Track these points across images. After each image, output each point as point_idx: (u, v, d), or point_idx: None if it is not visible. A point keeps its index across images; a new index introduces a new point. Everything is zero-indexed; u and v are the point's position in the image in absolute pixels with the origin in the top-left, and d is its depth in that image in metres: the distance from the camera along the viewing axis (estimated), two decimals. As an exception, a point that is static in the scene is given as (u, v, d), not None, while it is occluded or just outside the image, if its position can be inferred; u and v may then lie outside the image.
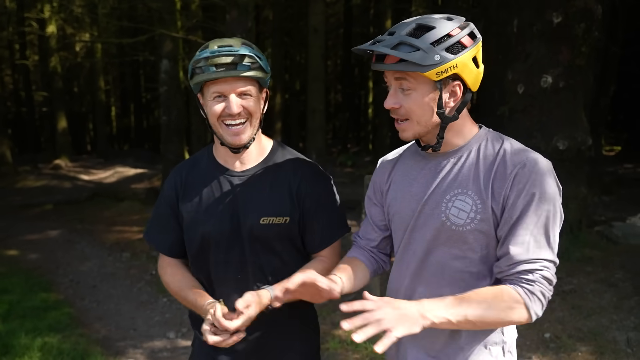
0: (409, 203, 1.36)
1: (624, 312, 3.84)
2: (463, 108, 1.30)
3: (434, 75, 1.21)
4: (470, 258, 1.29)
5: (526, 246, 1.21)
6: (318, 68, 9.74)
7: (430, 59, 1.19)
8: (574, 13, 4.94)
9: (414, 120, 1.28)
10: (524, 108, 5.20)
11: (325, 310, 4.29)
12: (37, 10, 16.30)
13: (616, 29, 10.58)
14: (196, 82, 1.43)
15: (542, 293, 1.21)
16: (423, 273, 1.35)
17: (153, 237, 1.63)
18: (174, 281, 1.57)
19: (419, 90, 1.25)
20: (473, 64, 1.25)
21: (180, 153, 10.02)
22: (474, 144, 1.31)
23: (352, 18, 20.33)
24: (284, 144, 1.64)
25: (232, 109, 1.41)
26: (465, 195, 1.27)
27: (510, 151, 1.26)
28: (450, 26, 1.23)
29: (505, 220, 1.23)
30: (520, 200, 1.21)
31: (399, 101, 1.27)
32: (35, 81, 24.31)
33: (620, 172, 11.40)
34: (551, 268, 1.22)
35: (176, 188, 1.56)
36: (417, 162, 1.40)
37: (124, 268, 6.18)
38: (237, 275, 1.51)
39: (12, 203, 11.42)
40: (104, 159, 18.05)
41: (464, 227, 1.26)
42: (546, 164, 1.24)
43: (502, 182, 1.23)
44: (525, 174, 1.21)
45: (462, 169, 1.29)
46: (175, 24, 9.52)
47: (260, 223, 1.48)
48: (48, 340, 4.00)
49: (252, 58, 1.41)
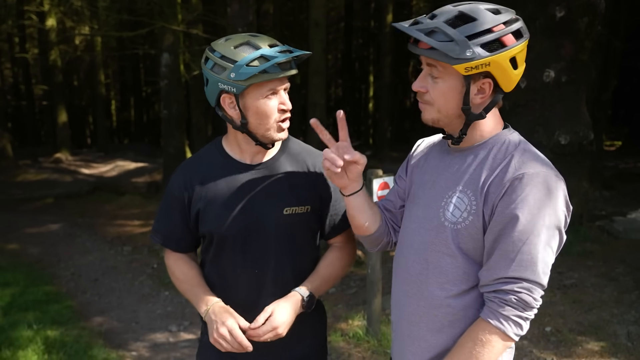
0: (418, 190, 1.38)
1: (624, 306, 3.85)
2: (492, 108, 1.25)
3: (462, 70, 1.16)
4: (456, 258, 1.26)
5: (505, 263, 1.17)
6: (319, 62, 9.71)
7: (462, 53, 1.14)
8: (577, 7, 4.92)
9: (435, 107, 1.25)
10: (526, 102, 5.19)
11: (327, 304, 4.31)
12: (37, 3, 16.24)
13: (618, 23, 10.54)
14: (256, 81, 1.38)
15: (519, 316, 1.17)
16: (410, 265, 1.35)
17: (159, 235, 1.63)
18: (182, 273, 1.59)
19: (447, 81, 1.21)
20: (510, 64, 1.19)
21: (180, 147, 10.01)
22: (489, 145, 1.26)
23: (353, 12, 20.26)
24: (291, 136, 1.64)
25: (288, 103, 1.46)
26: (464, 193, 1.24)
27: (516, 160, 1.20)
28: (494, 20, 1.16)
29: (491, 229, 1.19)
30: (508, 212, 1.16)
31: (426, 85, 1.25)
32: (35, 75, 24.24)
33: (621, 167, 11.40)
34: (532, 290, 1.16)
35: (186, 186, 1.54)
36: (440, 153, 1.39)
37: (126, 261, 6.19)
38: (255, 270, 1.52)
39: (12, 197, 11.43)
40: (104, 153, 18.05)
41: (455, 225, 1.24)
42: (548, 181, 1.17)
43: (497, 189, 1.19)
44: (520, 187, 1.16)
45: (469, 168, 1.26)
46: (175, 17, 9.49)
47: (284, 214, 1.50)
48: (50, 333, 4.01)
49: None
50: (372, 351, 3.57)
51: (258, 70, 1.36)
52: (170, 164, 9.68)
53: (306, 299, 1.48)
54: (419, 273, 1.32)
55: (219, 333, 1.40)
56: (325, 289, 1.58)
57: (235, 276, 1.53)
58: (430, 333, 1.31)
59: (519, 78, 1.24)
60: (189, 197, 1.54)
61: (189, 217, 1.55)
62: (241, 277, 1.53)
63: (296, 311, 1.46)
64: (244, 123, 1.45)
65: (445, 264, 1.27)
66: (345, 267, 1.62)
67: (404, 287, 1.38)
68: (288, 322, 1.43)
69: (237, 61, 1.37)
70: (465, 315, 1.27)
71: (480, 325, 1.20)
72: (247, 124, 1.45)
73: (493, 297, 1.19)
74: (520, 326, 1.18)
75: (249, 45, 1.41)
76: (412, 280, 1.35)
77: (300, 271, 1.55)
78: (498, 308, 1.18)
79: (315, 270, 1.57)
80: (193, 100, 11.70)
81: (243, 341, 1.39)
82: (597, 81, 9.10)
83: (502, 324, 1.17)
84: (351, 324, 3.95)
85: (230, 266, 1.53)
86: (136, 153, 17.81)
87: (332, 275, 1.58)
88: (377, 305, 3.67)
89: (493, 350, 1.19)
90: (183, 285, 1.58)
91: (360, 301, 4.38)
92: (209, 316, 1.45)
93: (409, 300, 1.36)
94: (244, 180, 1.52)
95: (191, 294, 1.55)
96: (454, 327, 1.28)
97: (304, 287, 1.50)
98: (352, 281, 4.93)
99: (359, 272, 4.96)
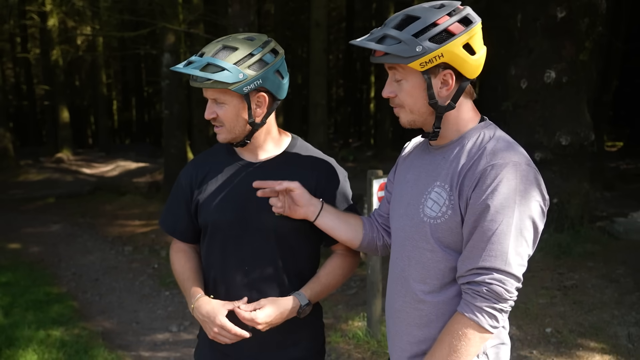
0: (402, 188, 1.41)
1: (625, 307, 3.84)
2: (459, 97, 1.27)
3: (418, 66, 1.21)
4: (436, 252, 1.27)
5: (476, 254, 1.18)
6: (320, 62, 9.72)
7: (412, 51, 1.20)
8: (578, 8, 4.91)
9: (407, 108, 1.30)
10: (527, 103, 5.18)
11: (327, 305, 4.31)
12: (39, 3, 16.26)
13: (620, 24, 10.52)
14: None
15: (493, 307, 1.17)
16: (396, 264, 1.39)
17: (165, 223, 1.68)
18: (180, 265, 1.63)
19: (409, 80, 1.26)
20: (465, 51, 1.22)
21: (182, 147, 10.01)
22: (466, 137, 1.29)
23: (354, 12, 20.25)
24: (301, 139, 1.66)
25: (205, 114, 1.50)
26: (442, 188, 1.26)
27: (489, 149, 1.21)
28: (436, 15, 1.21)
29: (467, 222, 1.21)
30: (479, 203, 1.17)
31: (394, 90, 1.30)
32: (36, 74, 24.29)
33: (622, 167, 11.38)
34: (504, 281, 1.16)
35: (192, 178, 1.60)
36: (422, 151, 1.42)
37: (126, 261, 6.20)
38: (245, 267, 1.53)
39: (14, 196, 11.45)
40: (105, 153, 18.07)
41: (435, 219, 1.26)
42: (519, 169, 1.17)
43: (470, 181, 1.20)
44: (489, 176, 1.17)
45: (446, 163, 1.29)
46: (177, 17, 9.50)
47: (277, 214, 1.51)
48: (51, 333, 4.02)
49: (216, 67, 1.39)
50: (371, 352, 3.56)
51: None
52: (171, 164, 9.69)
53: (303, 306, 1.49)
54: (402, 270, 1.35)
55: (214, 333, 1.46)
56: (324, 296, 1.59)
57: (227, 272, 1.54)
58: (417, 328, 1.33)
59: (481, 63, 1.27)
60: (192, 190, 1.59)
61: (191, 208, 1.59)
62: (232, 273, 1.54)
63: (286, 313, 1.47)
64: None
65: (426, 259, 1.29)
66: (346, 274, 1.62)
67: (392, 285, 1.41)
68: (270, 322, 1.45)
69: None
70: (450, 309, 1.28)
71: (456, 319, 1.21)
72: None
73: (467, 289, 1.21)
74: (495, 318, 1.18)
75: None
76: (397, 277, 1.38)
77: (293, 273, 1.55)
78: (472, 300, 1.19)
79: (315, 277, 1.58)
80: (194, 100, 11.72)
81: (238, 332, 1.44)
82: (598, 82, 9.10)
83: (476, 316, 1.18)
84: (351, 325, 3.95)
85: (223, 261, 1.55)
86: (137, 153, 17.83)
87: (332, 283, 1.58)
88: (377, 306, 3.67)
89: (470, 343, 1.19)
90: (178, 278, 1.63)
91: (361, 302, 4.38)
92: (197, 315, 1.51)
93: (395, 297, 1.39)
94: (243, 177, 1.54)
95: (182, 288, 1.60)
96: (439, 321, 1.29)
97: (302, 293, 1.51)
98: (352, 282, 4.93)
99: (359, 273, 4.96)
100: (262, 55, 1.41)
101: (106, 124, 20.42)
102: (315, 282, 1.55)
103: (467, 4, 1.27)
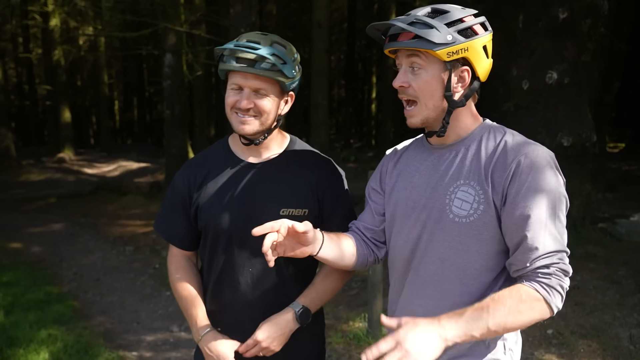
0: (410, 194, 1.37)
1: (626, 309, 3.83)
2: (470, 96, 1.30)
3: (445, 55, 1.22)
4: (472, 251, 1.26)
5: (538, 241, 1.19)
6: (322, 63, 9.71)
7: (443, 38, 1.21)
8: (579, 9, 4.91)
9: (422, 102, 1.28)
10: (529, 104, 5.18)
11: (328, 305, 4.31)
12: (41, 3, 16.29)
13: (622, 25, 10.51)
14: (220, 69, 1.46)
15: (561, 286, 1.19)
16: (421, 268, 1.34)
17: (163, 228, 1.64)
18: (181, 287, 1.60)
19: (429, 70, 1.25)
20: (484, 52, 1.27)
21: (183, 147, 10.03)
22: (476, 135, 1.31)
23: (356, 13, 20.25)
24: (299, 139, 1.65)
25: (242, 103, 1.44)
26: (468, 186, 1.26)
27: (511, 142, 1.26)
28: (463, 12, 1.26)
29: (508, 213, 1.21)
30: (522, 193, 1.19)
31: (408, 80, 1.28)
32: (38, 74, 24.32)
33: (624, 169, 11.36)
34: (564, 259, 1.20)
35: (189, 181, 1.57)
36: (421, 153, 1.40)
37: (128, 261, 6.20)
38: (249, 269, 1.52)
39: (15, 196, 11.46)
40: (107, 153, 18.09)
41: (467, 218, 1.25)
42: (547, 155, 1.23)
43: (502, 173, 1.22)
44: (526, 166, 1.20)
45: (465, 161, 1.29)
46: (178, 17, 9.51)
47: (280, 214, 1.50)
48: (52, 333, 4.02)
49: (273, 60, 1.41)
50: (373, 353, 3.56)
51: (223, 60, 1.43)
52: (172, 164, 9.70)
53: (298, 312, 1.49)
54: (434, 273, 1.32)
55: None
56: (322, 302, 1.58)
57: (229, 274, 1.54)
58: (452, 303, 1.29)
59: (490, 68, 1.32)
60: (190, 193, 1.56)
61: (190, 212, 1.56)
62: (235, 276, 1.53)
63: (285, 325, 1.48)
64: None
65: (462, 260, 1.28)
66: (343, 278, 1.61)
67: (416, 291, 1.36)
68: (273, 336, 1.46)
69: None
70: None
71: (525, 290, 1.18)
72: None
73: (532, 274, 1.20)
74: (561, 297, 1.20)
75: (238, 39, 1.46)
76: (425, 282, 1.33)
77: (295, 274, 1.55)
78: (543, 279, 1.18)
79: (311, 283, 1.57)
80: (196, 100, 11.73)
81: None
82: (600, 83, 9.09)
83: (548, 293, 1.18)
84: (352, 325, 3.95)
85: (225, 264, 1.54)
86: (139, 153, 17.86)
87: (329, 288, 1.58)
88: (378, 306, 3.66)
89: (532, 314, 1.17)
90: (180, 300, 1.60)
91: (362, 302, 4.38)
92: (203, 348, 1.52)
93: (425, 302, 1.34)
94: (243, 178, 1.53)
95: (185, 312, 1.58)
96: None
97: (297, 301, 1.51)
98: (353, 282, 4.92)
99: (360, 274, 4.96)
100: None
101: (108, 124, 20.44)
102: (310, 289, 1.55)
103: (469, 3, 1.29)
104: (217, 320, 1.57)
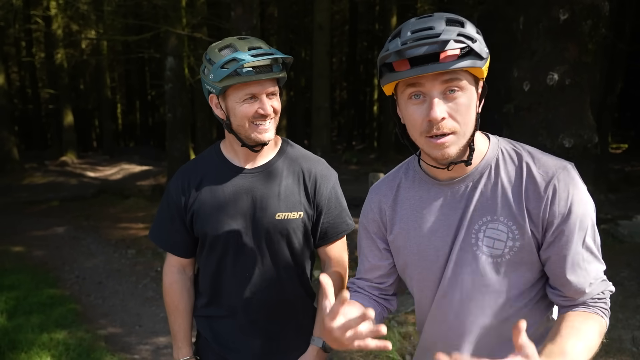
0: (430, 241, 1.19)
1: (629, 310, 3.82)
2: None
3: (483, 72, 1.05)
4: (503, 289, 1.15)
5: (587, 269, 1.11)
6: (323, 65, 9.73)
7: (484, 51, 1.03)
8: (580, 10, 4.90)
9: (461, 131, 1.07)
10: (530, 105, 5.17)
11: (330, 308, 4.30)
12: (43, 7, 16.37)
13: (624, 25, 10.49)
14: (229, 84, 1.39)
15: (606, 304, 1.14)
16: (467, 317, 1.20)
17: (159, 237, 1.64)
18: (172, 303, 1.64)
19: (466, 92, 1.06)
20: None
21: (185, 150, 10.05)
22: (490, 159, 1.15)
23: (358, 15, 20.29)
24: (290, 141, 1.65)
25: (267, 109, 1.42)
26: (497, 222, 1.12)
27: (534, 165, 1.12)
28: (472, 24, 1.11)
29: (549, 242, 1.11)
30: (564, 220, 1.09)
31: (448, 109, 1.06)
32: (41, 78, 24.41)
33: (627, 170, 11.33)
34: (606, 279, 1.15)
35: (183, 190, 1.56)
36: (426, 191, 1.21)
37: (130, 264, 6.21)
38: (246, 274, 1.52)
39: (18, 200, 11.50)
40: (109, 156, 18.14)
41: (502, 257, 1.12)
42: (572, 169, 1.12)
43: (538, 203, 1.10)
44: (561, 190, 1.09)
45: (486, 194, 1.13)
46: (180, 21, 9.54)
47: (276, 218, 1.50)
48: (54, 336, 4.03)
49: (280, 59, 1.42)
50: (374, 355, 3.55)
51: (228, 73, 1.37)
52: (174, 167, 9.72)
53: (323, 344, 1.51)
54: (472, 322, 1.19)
55: None
56: None
57: (227, 279, 1.54)
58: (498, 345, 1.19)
59: None
60: (185, 201, 1.55)
61: (186, 219, 1.56)
62: (232, 281, 1.53)
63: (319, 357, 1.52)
64: (228, 123, 1.48)
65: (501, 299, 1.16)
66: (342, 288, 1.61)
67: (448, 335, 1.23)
68: None
69: (215, 63, 1.40)
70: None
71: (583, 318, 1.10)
72: (231, 124, 1.47)
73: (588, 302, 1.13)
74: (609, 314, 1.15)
75: (230, 47, 1.42)
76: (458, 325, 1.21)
77: (292, 277, 1.55)
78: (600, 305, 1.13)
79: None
80: (197, 103, 11.75)
81: None
82: (603, 84, 9.07)
83: (605, 315, 1.13)
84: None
85: (222, 269, 1.54)
86: (141, 156, 17.90)
87: None
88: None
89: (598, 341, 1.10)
90: (169, 314, 1.64)
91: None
92: None
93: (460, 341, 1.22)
94: (238, 183, 1.52)
95: (172, 329, 1.63)
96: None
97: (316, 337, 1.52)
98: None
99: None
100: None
101: (110, 127, 20.50)
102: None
103: (470, 5, 1.25)
104: (214, 326, 1.58)
